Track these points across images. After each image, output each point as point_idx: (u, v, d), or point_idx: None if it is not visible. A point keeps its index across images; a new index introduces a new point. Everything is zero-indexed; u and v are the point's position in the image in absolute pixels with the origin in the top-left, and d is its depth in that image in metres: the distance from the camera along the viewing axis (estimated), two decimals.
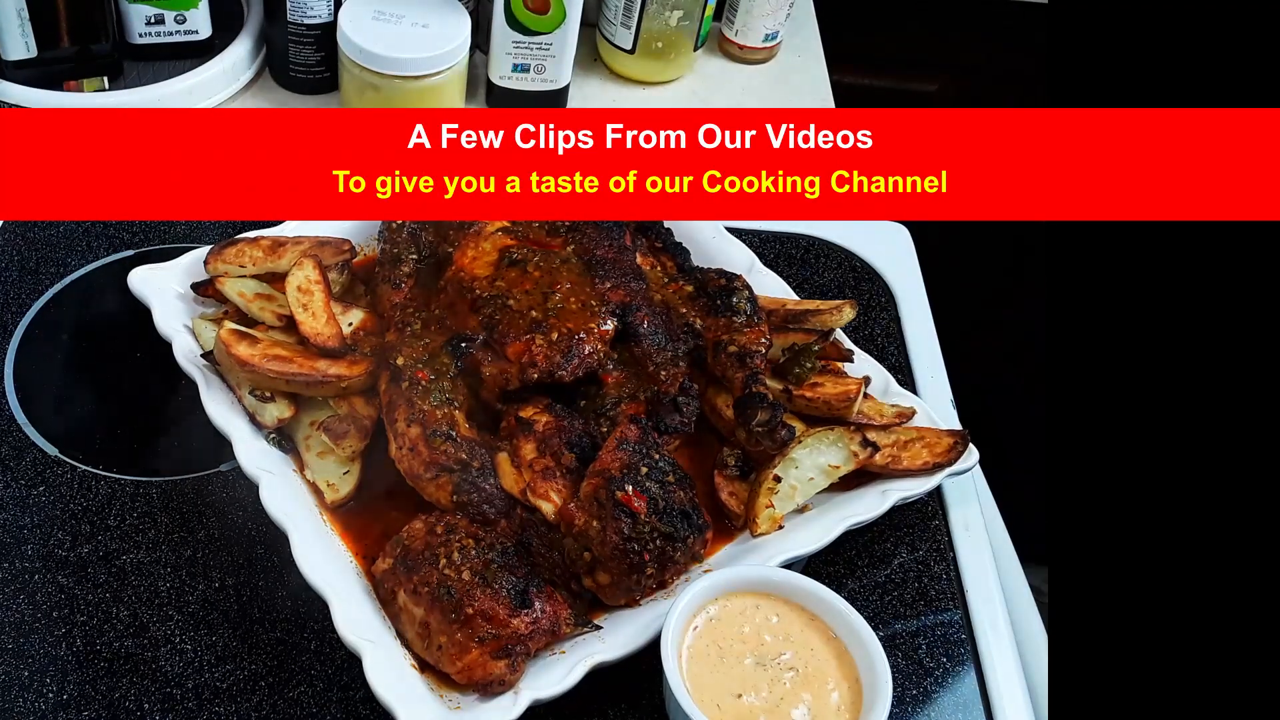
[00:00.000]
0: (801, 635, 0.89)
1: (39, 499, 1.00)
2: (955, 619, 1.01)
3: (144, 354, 1.09)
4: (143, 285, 1.07)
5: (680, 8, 1.41)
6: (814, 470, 1.00)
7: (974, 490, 1.10)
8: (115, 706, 0.89)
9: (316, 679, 0.92)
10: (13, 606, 0.93)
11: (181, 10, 1.32)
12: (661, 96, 1.49)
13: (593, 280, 1.04)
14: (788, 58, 1.57)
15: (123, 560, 0.97)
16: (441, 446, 0.95)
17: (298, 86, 1.39)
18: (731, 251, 1.19)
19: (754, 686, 0.86)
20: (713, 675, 0.86)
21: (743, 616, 0.90)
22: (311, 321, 1.01)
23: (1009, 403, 1.89)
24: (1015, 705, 0.96)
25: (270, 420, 0.99)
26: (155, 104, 1.30)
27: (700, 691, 0.85)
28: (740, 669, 0.87)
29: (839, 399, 1.03)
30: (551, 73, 1.37)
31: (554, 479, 0.95)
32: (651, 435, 0.97)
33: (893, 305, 1.26)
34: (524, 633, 0.86)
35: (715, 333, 1.07)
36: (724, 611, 0.90)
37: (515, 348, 0.99)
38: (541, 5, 1.31)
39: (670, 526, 0.91)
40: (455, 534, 0.91)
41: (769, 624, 0.89)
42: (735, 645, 0.88)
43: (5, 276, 1.16)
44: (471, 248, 1.07)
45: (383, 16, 1.28)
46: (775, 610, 0.90)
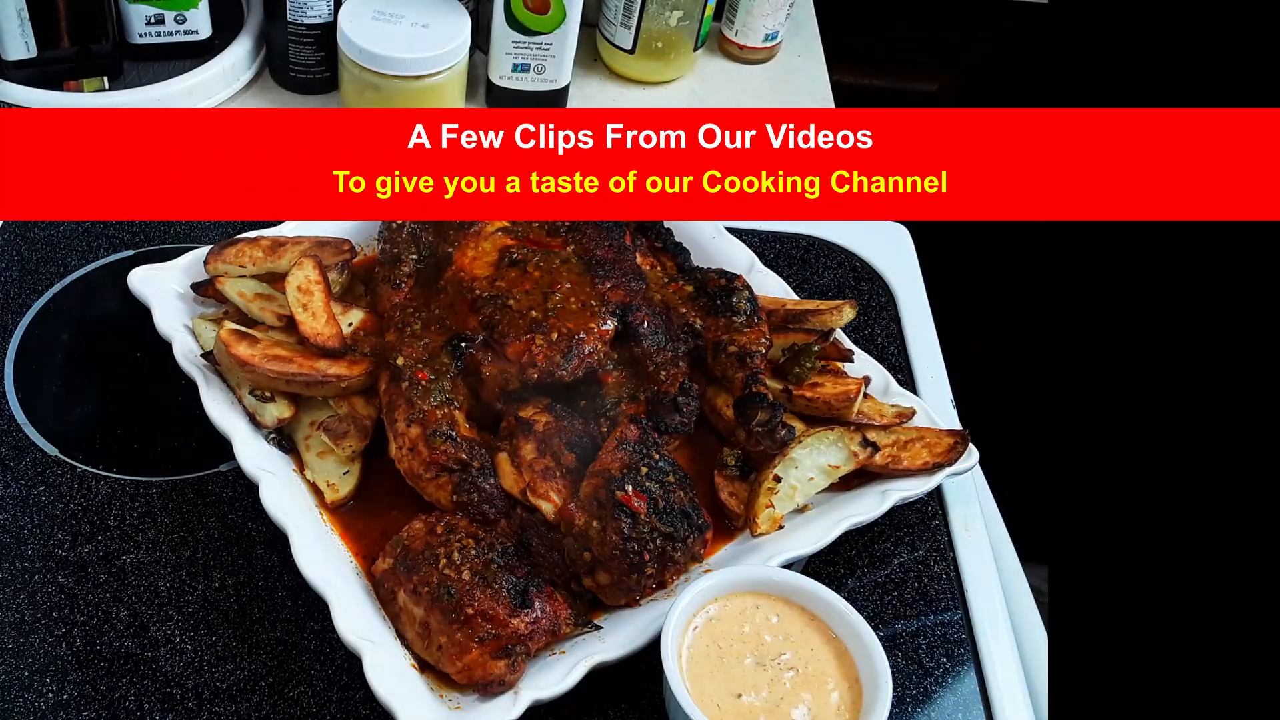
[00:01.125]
0: (801, 635, 0.89)
1: (39, 499, 1.00)
2: (955, 619, 1.01)
3: (144, 354, 1.09)
4: (143, 285, 1.07)
5: (680, 8, 1.41)
6: (814, 470, 1.00)
7: (974, 490, 1.10)
8: (115, 706, 0.89)
9: (316, 679, 0.92)
10: (13, 606, 0.93)
11: (181, 10, 1.32)
12: (661, 96, 1.49)
13: (593, 280, 1.05)
14: (788, 58, 1.57)
15: (123, 560, 0.97)
16: (441, 446, 0.95)
17: (298, 86, 1.39)
18: (731, 251, 1.19)
19: (754, 686, 0.86)
20: (713, 675, 0.86)
21: (743, 616, 0.90)
22: (311, 321, 1.01)
23: (1009, 402, 1.89)
24: (1015, 705, 0.96)
25: (270, 420, 0.99)
26: (155, 104, 1.30)
27: (700, 692, 0.85)
28: (740, 669, 0.87)
29: (839, 399, 1.03)
30: (551, 73, 1.37)
31: (554, 479, 0.95)
32: (651, 435, 0.97)
33: (893, 305, 1.26)
34: (524, 633, 0.86)
35: (715, 333, 1.07)
36: (724, 611, 0.90)
37: (515, 348, 0.99)
38: (541, 5, 1.31)
39: (670, 526, 0.91)
40: (455, 534, 0.91)
41: (769, 624, 0.89)
42: (735, 645, 0.88)
43: (5, 276, 1.16)
44: (471, 248, 1.07)
45: (383, 16, 1.28)
46: (775, 610, 0.90)
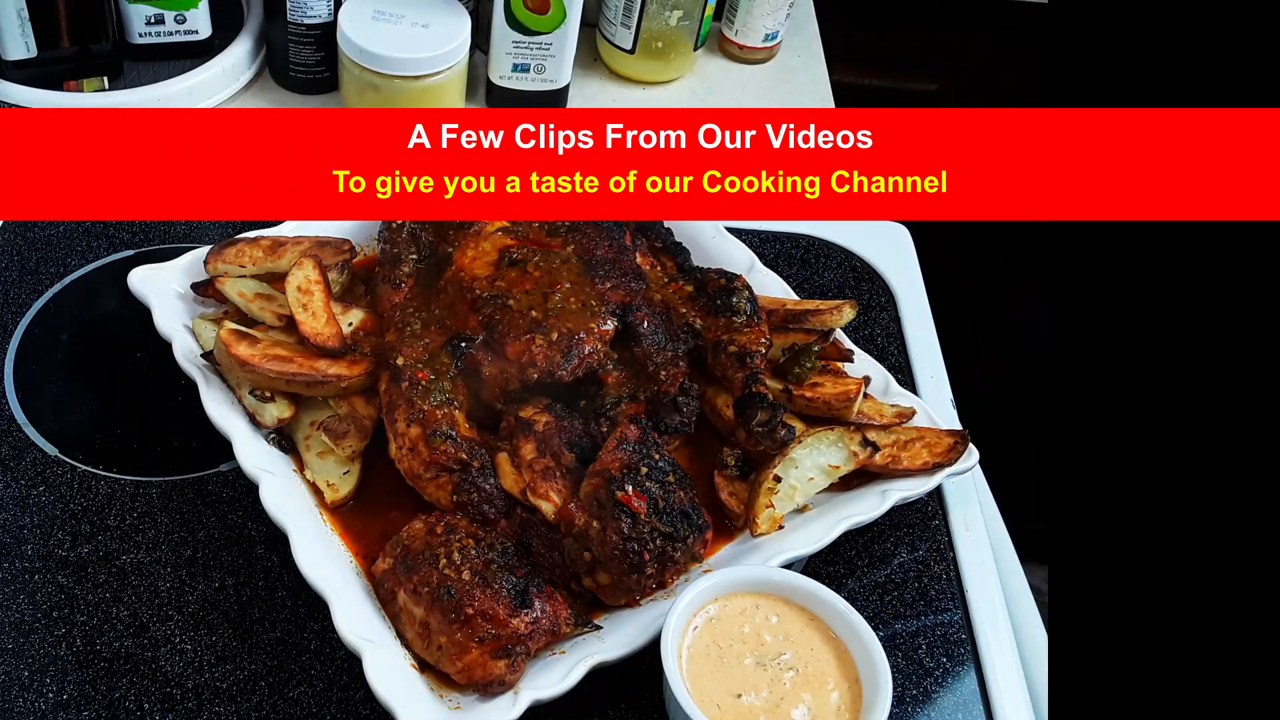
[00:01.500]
0: (801, 635, 0.89)
1: (39, 499, 1.00)
2: (955, 619, 1.01)
3: (144, 354, 1.09)
4: (143, 285, 1.07)
5: (680, 8, 1.41)
6: (814, 470, 1.00)
7: (974, 490, 1.10)
8: (115, 706, 0.89)
9: (316, 679, 0.92)
10: (13, 606, 0.93)
11: (181, 10, 1.32)
12: (661, 96, 1.49)
13: (593, 280, 1.04)
14: (788, 58, 1.57)
15: (123, 560, 0.97)
16: (441, 446, 0.95)
17: (298, 86, 1.39)
18: (731, 251, 1.19)
19: (754, 686, 0.86)
20: (713, 675, 0.86)
21: (743, 616, 0.90)
22: (311, 321, 1.01)
23: (1009, 403, 1.89)
24: (1015, 705, 0.96)
25: (270, 420, 0.99)
26: (155, 104, 1.30)
27: (700, 691, 0.85)
28: (740, 669, 0.87)
29: (839, 399, 1.03)
30: (551, 73, 1.37)
31: (554, 479, 0.95)
32: (651, 435, 0.97)
33: (893, 305, 1.26)
34: (524, 633, 0.86)
35: (715, 333, 1.07)
36: (724, 611, 0.90)
37: (515, 348, 0.99)
38: (541, 5, 1.31)
39: (670, 526, 0.91)
40: (455, 534, 0.91)
41: (769, 624, 0.89)
42: (735, 645, 0.88)
43: (5, 276, 1.16)
44: (471, 248, 1.07)
45: (383, 16, 1.28)
46: (775, 610, 0.90)
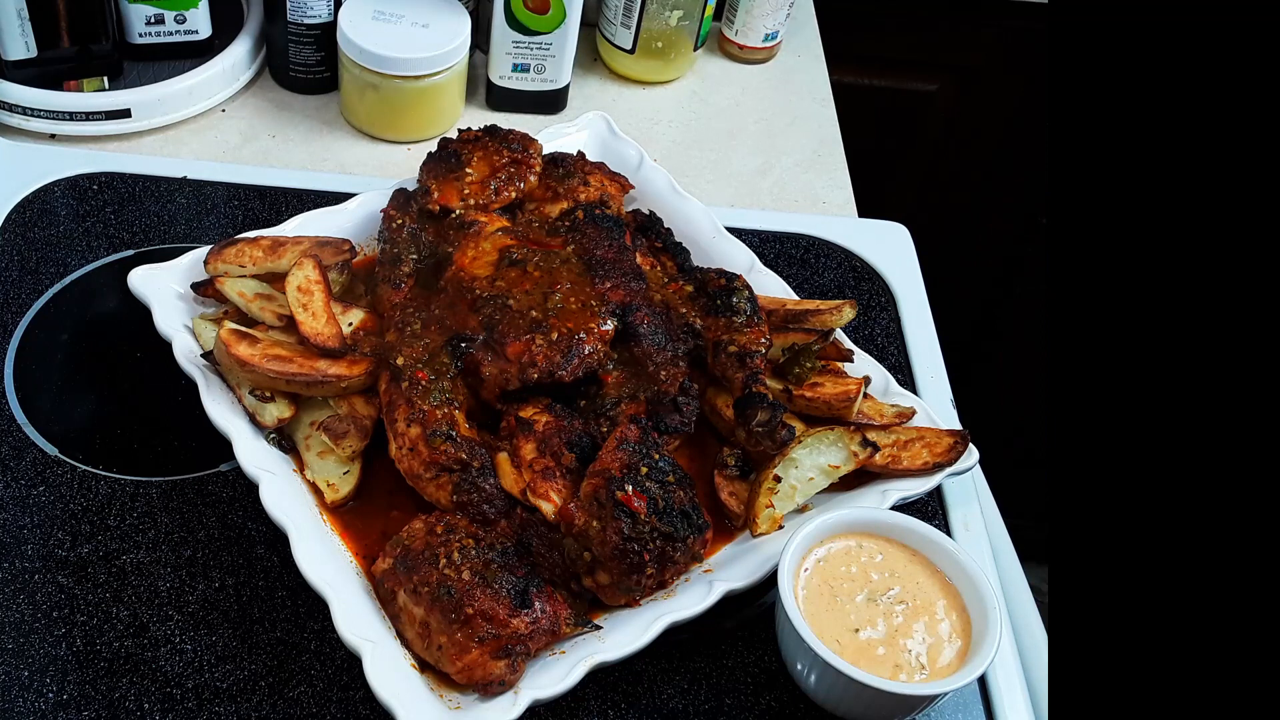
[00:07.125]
0: (906, 570, 0.93)
1: (39, 499, 1.00)
2: None
3: (144, 354, 1.09)
4: (143, 285, 1.07)
5: (680, 8, 1.41)
6: (814, 470, 1.00)
7: (974, 490, 1.10)
8: (115, 706, 0.89)
9: (316, 679, 0.92)
10: (13, 606, 0.93)
11: (181, 10, 1.32)
12: (661, 96, 1.49)
13: (593, 280, 1.04)
14: (788, 58, 1.57)
15: (123, 560, 0.97)
16: (441, 446, 0.95)
17: (298, 86, 1.39)
18: (731, 251, 1.19)
19: (869, 621, 0.90)
20: (829, 614, 0.90)
21: (848, 556, 0.94)
22: (311, 321, 1.01)
23: (1009, 403, 1.89)
24: (1015, 705, 0.96)
25: (270, 420, 0.99)
26: (155, 104, 1.30)
27: (820, 630, 0.89)
28: (854, 606, 0.91)
29: (839, 399, 1.03)
30: (551, 73, 1.37)
31: (554, 479, 0.95)
32: (651, 435, 0.97)
33: (893, 305, 1.26)
34: (524, 633, 0.86)
35: (715, 333, 1.07)
36: (830, 554, 0.94)
37: (515, 348, 0.99)
38: (541, 5, 1.31)
39: (670, 526, 0.91)
40: (455, 534, 0.91)
41: (875, 562, 0.94)
42: (845, 584, 0.92)
43: (5, 276, 1.16)
44: (471, 248, 1.07)
45: (383, 16, 1.28)
46: (879, 549, 0.94)
